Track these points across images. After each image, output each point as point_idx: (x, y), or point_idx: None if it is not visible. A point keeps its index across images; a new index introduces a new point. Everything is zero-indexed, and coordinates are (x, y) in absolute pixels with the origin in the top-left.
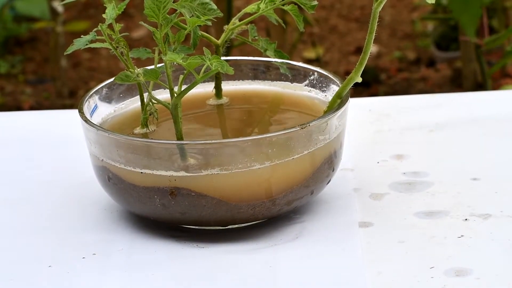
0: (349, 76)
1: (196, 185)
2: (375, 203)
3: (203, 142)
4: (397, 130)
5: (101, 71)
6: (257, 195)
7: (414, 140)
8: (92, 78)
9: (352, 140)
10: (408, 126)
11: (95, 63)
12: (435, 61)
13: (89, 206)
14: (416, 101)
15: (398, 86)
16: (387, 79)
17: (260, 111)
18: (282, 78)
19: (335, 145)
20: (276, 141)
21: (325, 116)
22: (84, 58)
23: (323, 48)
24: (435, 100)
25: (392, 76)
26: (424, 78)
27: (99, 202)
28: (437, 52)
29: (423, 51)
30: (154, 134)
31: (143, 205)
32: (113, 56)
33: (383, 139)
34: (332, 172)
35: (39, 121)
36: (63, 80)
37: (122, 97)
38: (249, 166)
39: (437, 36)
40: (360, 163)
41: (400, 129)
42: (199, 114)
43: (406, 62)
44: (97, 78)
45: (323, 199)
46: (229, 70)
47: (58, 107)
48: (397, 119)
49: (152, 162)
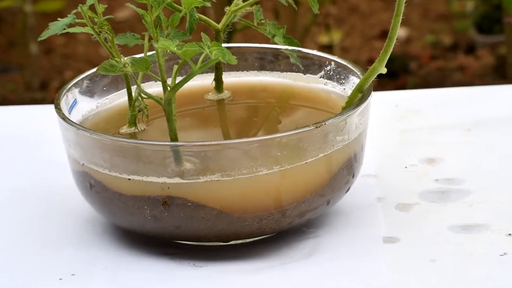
0: (372, 66)
1: (193, 193)
2: (402, 215)
3: (201, 143)
4: (429, 129)
5: (78, 58)
6: (264, 206)
7: (448, 140)
8: (67, 67)
9: (376, 141)
10: (442, 124)
11: (70, 49)
12: (475, 47)
13: (67, 218)
14: (451, 94)
15: (431, 77)
16: (418, 69)
17: (268, 107)
18: (293, 69)
19: (356, 147)
20: (286, 142)
21: (343, 113)
22: (58, 43)
23: (342, 32)
24: (474, 93)
25: (423, 65)
26: (462, 67)
27: (79, 214)
28: (477, 36)
29: (460, 35)
30: (144, 134)
31: (131, 217)
32: (93, 41)
33: (412, 139)
34: (352, 178)
35: (3, 118)
36: (32, 69)
37: (106, 91)
38: (254, 171)
39: (477, 17)
40: (385, 168)
41: (432, 128)
42: (196, 110)
43: (441, 48)
44: (74, 67)
45: (341, 210)
46: (231, 60)
47: (27, 101)
48: (428, 116)
49: (142, 167)
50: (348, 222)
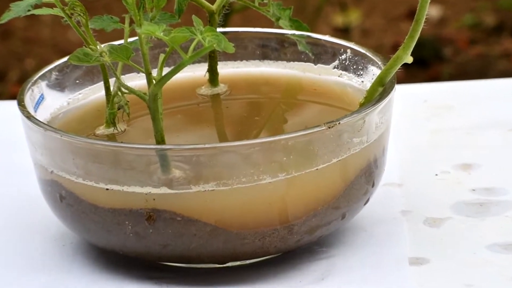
0: (395, 54)
1: (183, 206)
2: (432, 232)
3: (193, 146)
4: (464, 129)
5: (41, 43)
6: (267, 220)
7: (488, 143)
8: (29, 54)
9: (400, 143)
10: (481, 123)
11: (33, 33)
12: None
13: (32, 236)
14: (494, 87)
15: (470, 65)
16: (454, 56)
17: (271, 103)
18: (301, 58)
19: (376, 151)
20: (293, 145)
21: (361, 110)
22: (17, 25)
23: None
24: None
25: (461, 51)
26: (508, 54)
27: (47, 230)
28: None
29: (506, 14)
30: (124, 136)
31: (109, 234)
32: (60, 23)
33: (444, 142)
34: (372, 188)
35: None
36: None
37: (79, 84)
38: (256, 179)
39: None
40: (411, 175)
41: (469, 127)
42: (187, 107)
43: (482, 30)
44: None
45: (358, 226)
46: (228, 48)
47: None
48: (465, 114)
49: (122, 175)
50: (367, 240)
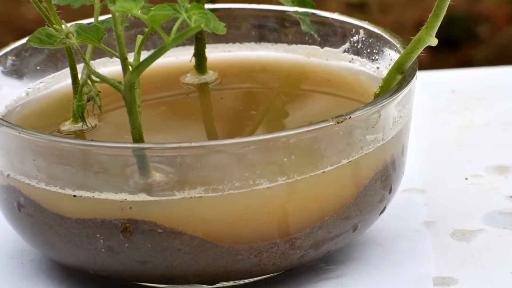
0: (417, 35)
1: (165, 216)
2: (461, 246)
3: (177, 145)
4: (500, 125)
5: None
6: (265, 232)
7: None
8: None
9: (423, 141)
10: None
11: None
12: None
13: None
14: None
15: (510, 48)
16: (490, 36)
17: (270, 94)
18: (305, 40)
19: (393, 150)
20: (295, 143)
21: (376, 102)
22: None
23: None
24: None
25: (498, 31)
26: None
27: (2, 246)
28: None
29: None
30: (95, 133)
31: (77, 249)
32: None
33: (476, 140)
34: (389, 194)
35: None
36: None
37: (41, 72)
38: (251, 184)
39: None
40: (437, 179)
41: (505, 123)
42: (169, 99)
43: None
44: None
45: (373, 240)
46: (218, 28)
47: None
48: (500, 107)
49: (93, 179)
50: (383, 256)
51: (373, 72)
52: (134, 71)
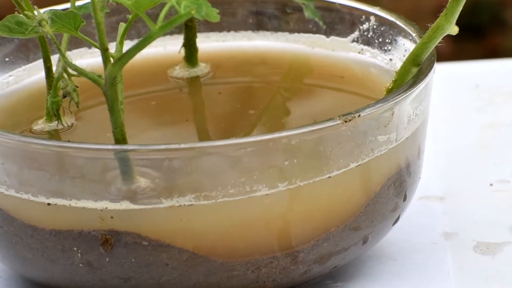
0: (435, 22)
1: (151, 226)
2: (485, 261)
3: (164, 146)
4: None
5: None
6: (263, 245)
7: None
8: None
9: (442, 142)
10: None
11: None
12: None
13: None
14: None
15: None
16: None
17: (269, 90)
18: (309, 29)
19: (408, 153)
20: (298, 145)
21: (388, 98)
22: None
23: None
24: None
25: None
26: None
27: None
28: None
29: None
30: (72, 133)
31: (51, 265)
32: None
33: (502, 140)
34: (403, 202)
35: None
36: None
37: (10, 64)
38: (248, 191)
39: None
40: (457, 185)
41: None
42: (156, 95)
43: None
44: None
45: (385, 253)
46: (211, 15)
47: None
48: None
49: (69, 185)
50: (396, 272)
51: (386, 64)
52: (116, 64)
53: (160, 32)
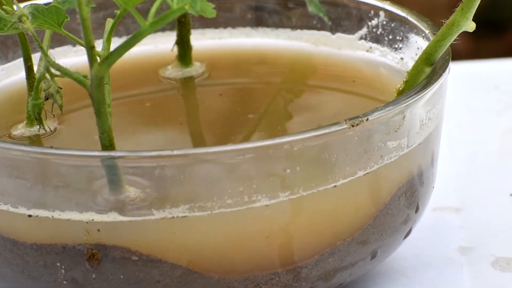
0: (450, 18)
1: (142, 240)
2: (504, 278)
3: (155, 153)
4: None
5: None
6: (263, 261)
7: None
8: None
9: (458, 149)
10: None
11: None
12: None
13: None
14: None
15: None
16: None
17: (269, 91)
18: (313, 25)
19: (421, 160)
20: (301, 152)
21: (399, 100)
22: None
23: None
24: None
25: None
26: None
27: None
28: None
29: None
30: (55, 138)
31: (33, 282)
32: None
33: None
34: (415, 214)
35: None
36: None
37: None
38: (247, 201)
39: None
40: (475, 195)
41: None
42: (146, 97)
43: None
44: None
45: (396, 269)
46: (206, 10)
47: None
48: None
49: (52, 195)
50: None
51: (396, 64)
52: (103, 63)
53: (151, 29)
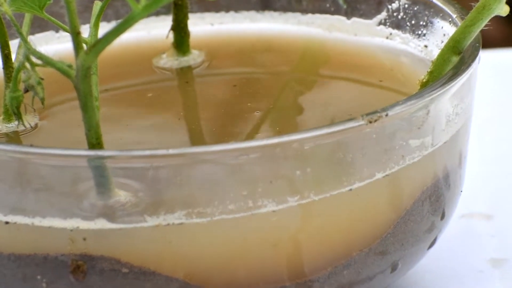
0: (480, 1)
1: (133, 250)
2: None
3: (148, 152)
4: None
5: None
6: (270, 273)
7: None
8: None
9: (489, 148)
10: None
11: None
12: None
13: None
14: None
15: None
16: None
17: (277, 82)
18: (326, 8)
19: (447, 161)
20: (312, 151)
21: (423, 93)
22: None
23: None
24: None
25: None
26: None
27: None
28: None
29: None
30: (36, 135)
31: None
32: None
33: None
34: (441, 221)
35: None
36: None
37: None
38: (251, 207)
39: None
40: (507, 201)
41: None
42: (138, 89)
43: None
44: None
45: (419, 283)
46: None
47: None
48: None
49: (32, 200)
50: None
51: (419, 52)
52: (90, 51)
53: (144, 13)
